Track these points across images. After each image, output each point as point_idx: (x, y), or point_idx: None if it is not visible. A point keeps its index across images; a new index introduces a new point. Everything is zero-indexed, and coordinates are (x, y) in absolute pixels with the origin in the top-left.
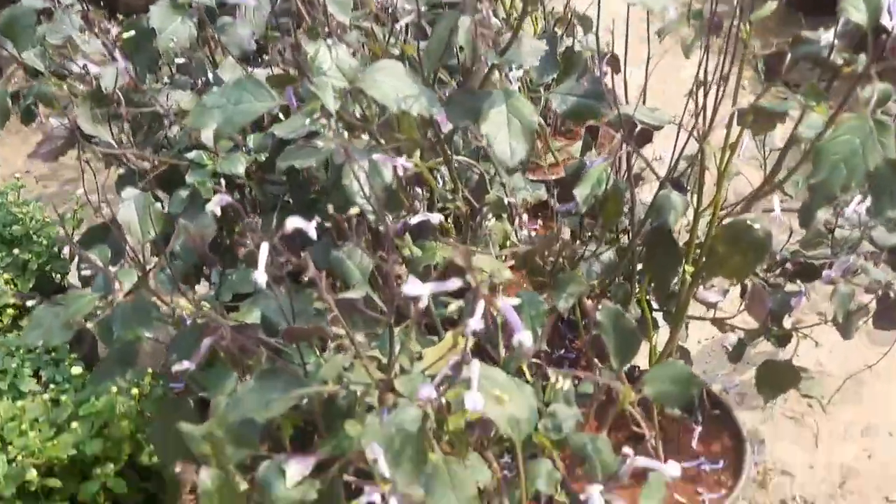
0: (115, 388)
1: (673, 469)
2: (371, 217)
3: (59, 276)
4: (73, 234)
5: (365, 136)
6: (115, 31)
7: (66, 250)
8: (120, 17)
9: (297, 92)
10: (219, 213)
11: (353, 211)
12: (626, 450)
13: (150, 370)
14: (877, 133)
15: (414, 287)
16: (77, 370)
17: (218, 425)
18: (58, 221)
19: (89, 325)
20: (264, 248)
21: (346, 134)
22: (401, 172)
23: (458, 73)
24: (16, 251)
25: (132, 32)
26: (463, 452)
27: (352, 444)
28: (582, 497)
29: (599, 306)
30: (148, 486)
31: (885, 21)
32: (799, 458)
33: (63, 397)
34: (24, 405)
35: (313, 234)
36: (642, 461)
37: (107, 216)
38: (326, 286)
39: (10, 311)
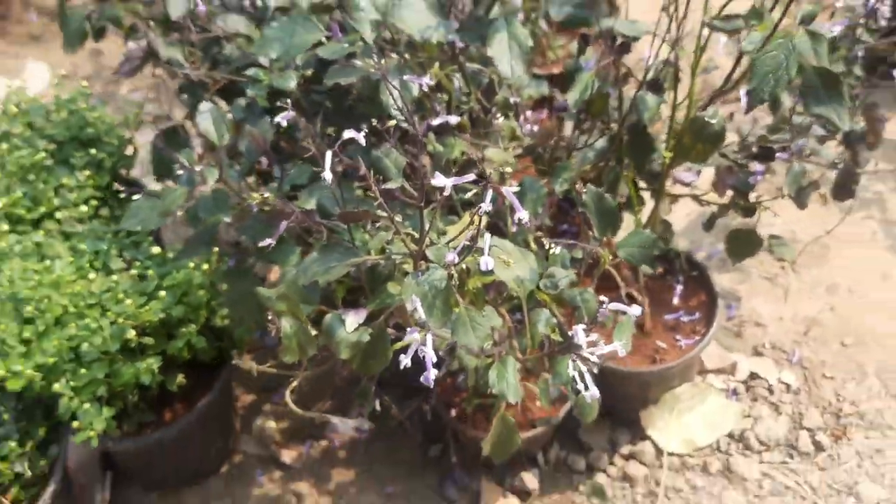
0: (191, 264)
1: (635, 310)
2: (403, 124)
3: (125, 171)
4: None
5: (394, 56)
6: None
7: (129, 149)
8: None
9: (340, 24)
10: (284, 124)
11: (391, 123)
12: (602, 297)
13: (215, 249)
14: (809, 45)
15: (439, 180)
16: (156, 249)
17: (287, 288)
18: (122, 123)
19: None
20: (328, 154)
21: (377, 56)
22: (425, 89)
23: None
24: (93, 151)
25: None
26: (480, 306)
27: (393, 300)
28: (570, 334)
29: (584, 189)
30: (220, 344)
31: None
32: (770, 312)
33: (149, 272)
34: (116, 279)
35: (363, 141)
36: (614, 305)
37: (175, 121)
38: (371, 179)
39: (93, 202)
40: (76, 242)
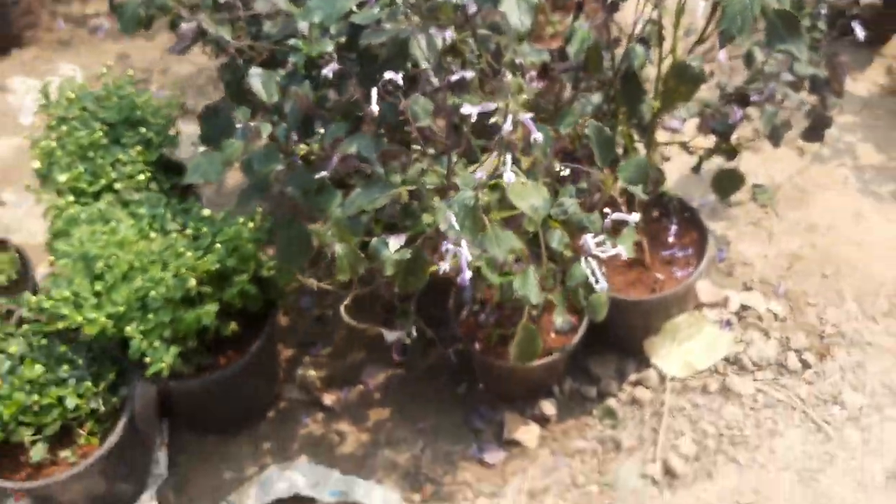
0: (241, 220)
1: (634, 216)
2: (430, 73)
3: (170, 149)
4: (178, 115)
5: (416, 18)
6: None
7: (171, 130)
8: None
9: None
10: (330, 76)
11: (424, 65)
12: (606, 210)
13: (259, 208)
14: None
15: (467, 108)
16: (206, 212)
17: (334, 224)
18: (166, 105)
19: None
20: (374, 91)
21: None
22: (448, 41)
23: None
24: (142, 129)
25: None
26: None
27: (427, 227)
28: (580, 243)
29: (587, 123)
30: (266, 296)
31: None
32: (756, 252)
33: (203, 230)
34: (175, 237)
35: (400, 82)
36: (616, 215)
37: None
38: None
39: (146, 174)
40: (135, 209)
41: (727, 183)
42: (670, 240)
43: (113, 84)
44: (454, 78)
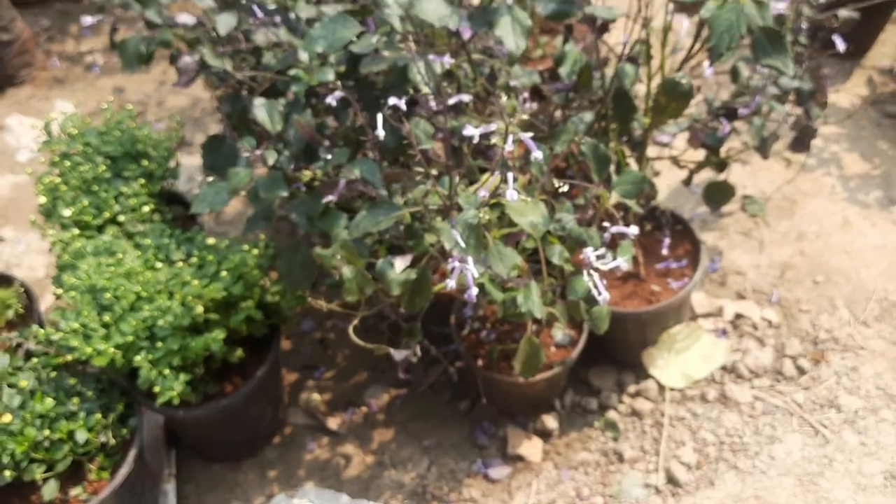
0: (246, 247)
1: (633, 230)
2: (430, 96)
3: (171, 181)
4: (177, 146)
5: (413, 46)
6: None
7: (172, 162)
8: None
9: (373, 20)
10: (334, 104)
11: (425, 90)
12: (605, 224)
13: (262, 235)
14: (755, 10)
15: (469, 130)
16: (211, 240)
17: (340, 247)
18: (166, 138)
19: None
20: (380, 116)
21: (403, 45)
22: (447, 67)
23: None
24: (145, 162)
25: None
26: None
27: (428, 249)
28: (581, 256)
29: (582, 141)
30: (271, 320)
31: None
32: (749, 262)
33: (209, 257)
34: (180, 267)
35: (404, 107)
36: (615, 229)
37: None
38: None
39: (149, 206)
40: (139, 240)
41: (718, 195)
42: (664, 252)
43: (113, 119)
44: (452, 101)
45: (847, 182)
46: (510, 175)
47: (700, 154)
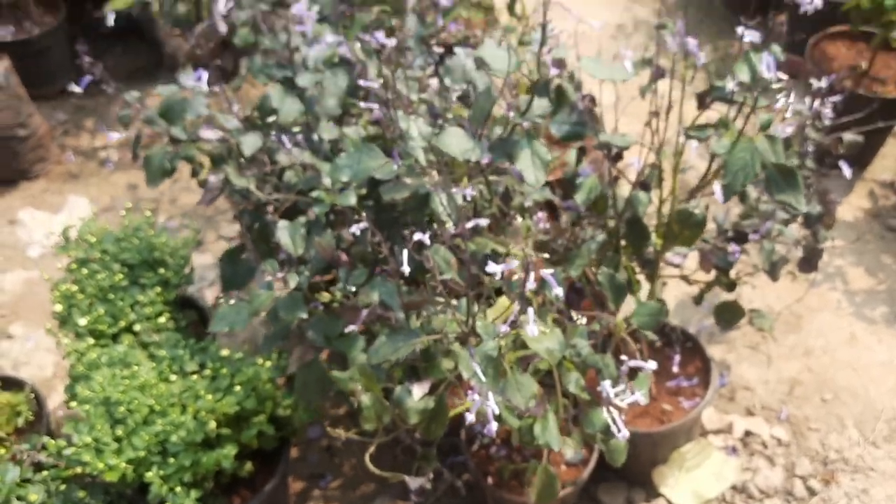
0: (259, 360)
1: (651, 364)
2: (449, 226)
3: (186, 288)
4: (191, 254)
5: (435, 173)
6: (235, 107)
7: (187, 269)
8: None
9: (398, 152)
10: (358, 233)
11: (447, 223)
12: (623, 357)
13: (276, 350)
14: (768, 146)
15: (492, 267)
16: (225, 352)
17: (357, 371)
18: (182, 245)
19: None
20: (405, 252)
21: (425, 174)
22: (468, 199)
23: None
24: (161, 270)
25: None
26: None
27: (445, 374)
28: (598, 389)
29: (598, 271)
30: (282, 433)
31: (764, 74)
32: (757, 377)
33: (222, 370)
34: (194, 379)
35: (428, 241)
36: (632, 362)
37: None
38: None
39: (165, 315)
40: (154, 350)
41: (728, 315)
42: (674, 369)
43: (130, 225)
44: (470, 224)
45: (853, 297)
46: (531, 311)
47: (710, 273)
